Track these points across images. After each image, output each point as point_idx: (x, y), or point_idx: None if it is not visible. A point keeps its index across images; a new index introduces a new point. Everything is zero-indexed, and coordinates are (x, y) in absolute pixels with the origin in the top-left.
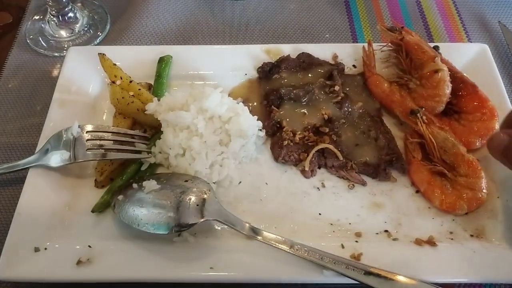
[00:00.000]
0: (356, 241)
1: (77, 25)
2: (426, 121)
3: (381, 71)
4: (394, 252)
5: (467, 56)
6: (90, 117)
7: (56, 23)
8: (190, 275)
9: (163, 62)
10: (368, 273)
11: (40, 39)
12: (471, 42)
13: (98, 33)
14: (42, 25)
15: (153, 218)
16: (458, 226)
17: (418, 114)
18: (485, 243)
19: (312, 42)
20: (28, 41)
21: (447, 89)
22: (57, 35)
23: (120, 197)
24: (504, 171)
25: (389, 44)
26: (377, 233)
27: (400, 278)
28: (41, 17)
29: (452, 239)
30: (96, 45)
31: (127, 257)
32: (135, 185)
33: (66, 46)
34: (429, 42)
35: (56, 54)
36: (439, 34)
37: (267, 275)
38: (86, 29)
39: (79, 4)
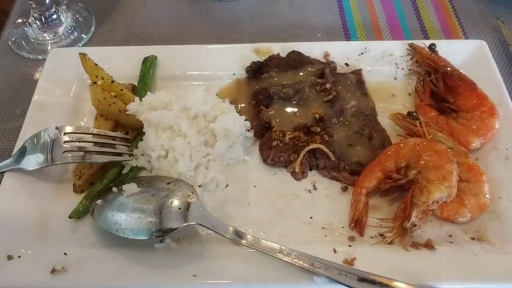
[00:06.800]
0: (350, 245)
1: (61, 28)
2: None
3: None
4: (389, 256)
5: (464, 53)
6: (71, 120)
7: (38, 26)
8: (171, 284)
9: (147, 62)
10: (362, 279)
11: (23, 42)
12: (467, 39)
13: (83, 35)
14: (25, 28)
15: (132, 223)
16: (458, 229)
17: (419, 116)
18: (487, 246)
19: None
20: (10, 44)
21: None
22: (40, 38)
23: (99, 201)
24: (506, 170)
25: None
26: (371, 237)
27: (397, 284)
28: (24, 20)
29: (451, 242)
30: (80, 47)
31: (105, 266)
32: (114, 189)
33: (49, 48)
34: (424, 39)
35: (39, 57)
36: (434, 31)
37: (253, 283)
38: (70, 31)
39: (63, 7)
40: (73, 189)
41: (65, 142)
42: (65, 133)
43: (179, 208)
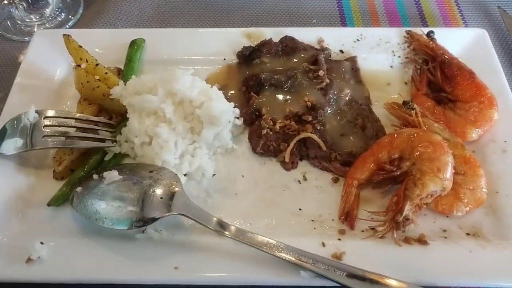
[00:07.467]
0: (339, 239)
1: (47, 9)
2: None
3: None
4: (380, 251)
5: (464, 41)
6: (54, 104)
7: (24, 7)
8: (151, 276)
9: (134, 46)
10: (352, 275)
11: (8, 23)
12: (467, 27)
13: (70, 17)
14: (11, 9)
15: (112, 212)
16: (453, 224)
17: (415, 106)
18: (482, 242)
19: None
20: None
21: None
22: (27, 19)
23: (79, 189)
24: (504, 164)
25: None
26: (362, 231)
27: (388, 281)
28: (10, 0)
29: (445, 237)
30: (67, 29)
31: (83, 256)
32: (95, 176)
33: (36, 30)
34: (423, 27)
35: (26, 38)
36: (433, 18)
37: (236, 276)
38: (57, 12)
39: None
40: (53, 176)
41: (45, 126)
42: (45, 117)
43: (161, 198)
